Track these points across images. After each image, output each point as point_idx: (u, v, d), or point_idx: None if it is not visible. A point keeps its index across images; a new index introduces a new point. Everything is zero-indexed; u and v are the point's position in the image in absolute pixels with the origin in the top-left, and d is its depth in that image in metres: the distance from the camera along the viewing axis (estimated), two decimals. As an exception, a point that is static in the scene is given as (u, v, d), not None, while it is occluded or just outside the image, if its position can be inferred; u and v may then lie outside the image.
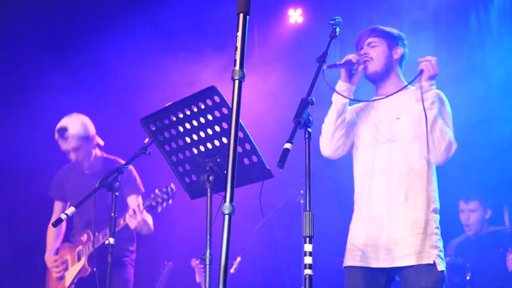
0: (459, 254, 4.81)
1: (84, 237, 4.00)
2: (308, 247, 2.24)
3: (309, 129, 2.38)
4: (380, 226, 2.90)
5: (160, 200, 3.55)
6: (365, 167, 3.04)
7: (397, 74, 3.15)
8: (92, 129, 4.12)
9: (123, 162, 4.06)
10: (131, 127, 4.21)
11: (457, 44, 5.65)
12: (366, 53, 3.10)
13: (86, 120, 4.12)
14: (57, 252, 4.13)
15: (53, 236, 4.19)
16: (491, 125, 5.21)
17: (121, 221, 3.78)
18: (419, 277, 2.82)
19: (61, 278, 4.03)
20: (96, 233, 3.95)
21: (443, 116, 2.96)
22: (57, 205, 4.31)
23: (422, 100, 2.90)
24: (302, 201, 5.36)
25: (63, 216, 3.12)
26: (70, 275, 3.98)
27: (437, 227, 2.93)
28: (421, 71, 2.94)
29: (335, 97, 3.05)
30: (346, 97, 3.01)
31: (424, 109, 2.89)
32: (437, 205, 2.98)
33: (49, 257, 4.09)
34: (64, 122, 4.06)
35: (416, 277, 2.83)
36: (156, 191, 3.60)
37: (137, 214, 3.66)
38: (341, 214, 3.25)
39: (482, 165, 4.97)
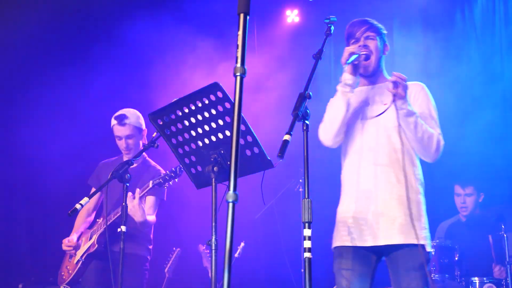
0: (449, 235, 4.85)
1: (100, 219, 4.01)
2: (307, 232, 2.24)
3: (307, 122, 2.36)
4: (369, 204, 2.79)
5: (168, 178, 3.59)
6: (354, 145, 2.92)
7: (383, 69, 3.04)
8: (144, 124, 4.13)
9: (161, 170, 4.07)
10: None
11: (444, 39, 5.68)
12: (365, 45, 2.95)
13: (140, 115, 4.15)
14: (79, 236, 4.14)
15: (80, 222, 4.18)
16: (479, 113, 5.24)
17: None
18: (409, 258, 2.71)
19: (72, 256, 4.04)
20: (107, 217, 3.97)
21: (427, 109, 2.88)
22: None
23: (398, 118, 2.78)
24: (301, 189, 5.36)
25: (78, 206, 3.15)
26: (79, 253, 3.98)
27: (424, 209, 2.83)
28: (395, 83, 2.74)
29: (342, 89, 2.85)
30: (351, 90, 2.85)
31: (398, 125, 2.81)
32: (423, 188, 2.88)
33: (68, 239, 4.06)
34: (123, 111, 4.08)
35: (405, 257, 2.72)
36: (167, 171, 3.64)
37: (136, 199, 3.66)
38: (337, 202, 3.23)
39: (472, 151, 4.98)
